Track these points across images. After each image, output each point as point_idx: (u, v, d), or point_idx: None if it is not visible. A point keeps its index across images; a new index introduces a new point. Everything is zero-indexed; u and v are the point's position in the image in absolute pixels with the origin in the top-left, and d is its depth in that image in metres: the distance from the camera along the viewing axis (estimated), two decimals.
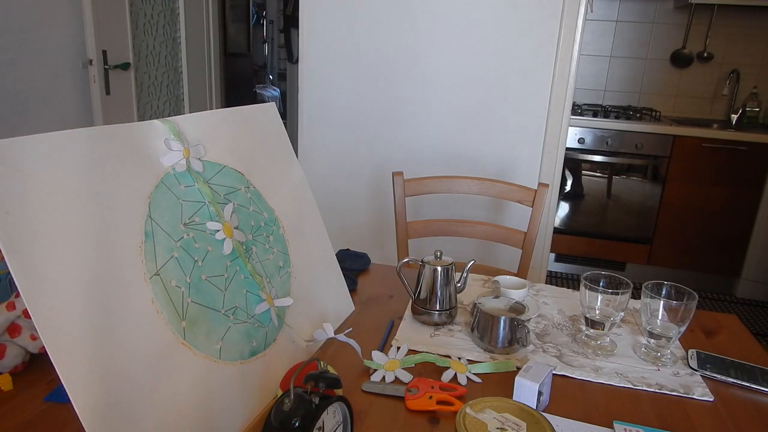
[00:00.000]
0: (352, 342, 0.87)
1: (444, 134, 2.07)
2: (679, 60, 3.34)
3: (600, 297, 0.95)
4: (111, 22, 2.71)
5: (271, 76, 6.56)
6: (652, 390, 0.86)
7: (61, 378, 0.53)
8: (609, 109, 3.30)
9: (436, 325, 1.04)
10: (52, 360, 0.53)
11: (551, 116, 1.96)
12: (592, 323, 0.97)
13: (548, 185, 1.59)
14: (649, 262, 3.13)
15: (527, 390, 0.76)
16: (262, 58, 6.30)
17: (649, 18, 3.33)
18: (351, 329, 0.99)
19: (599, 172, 3.06)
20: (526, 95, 1.96)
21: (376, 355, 0.90)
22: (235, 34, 4.94)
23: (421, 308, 1.03)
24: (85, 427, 0.54)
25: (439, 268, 1.02)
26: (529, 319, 1.06)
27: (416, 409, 0.78)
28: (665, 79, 3.40)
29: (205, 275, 0.73)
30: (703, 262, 3.07)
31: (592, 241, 3.17)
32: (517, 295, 1.10)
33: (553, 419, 0.77)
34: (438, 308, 1.02)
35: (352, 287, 1.16)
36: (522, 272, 1.58)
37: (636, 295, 1.09)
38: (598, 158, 3.02)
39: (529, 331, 0.96)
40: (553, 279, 3.24)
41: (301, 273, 0.95)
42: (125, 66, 2.84)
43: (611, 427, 0.77)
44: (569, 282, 3.23)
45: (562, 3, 1.85)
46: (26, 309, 0.77)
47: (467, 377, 0.87)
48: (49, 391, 0.77)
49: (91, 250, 0.60)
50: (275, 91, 6.13)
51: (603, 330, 0.96)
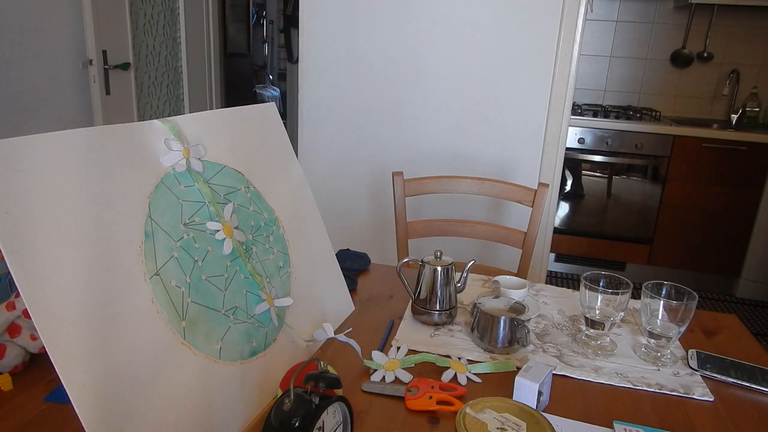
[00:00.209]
0: (352, 342, 0.87)
1: (444, 134, 2.07)
2: (679, 60, 3.34)
3: (600, 297, 0.95)
4: (111, 22, 2.71)
5: (271, 76, 6.56)
6: (652, 390, 0.86)
7: (61, 378, 0.53)
8: (609, 109, 3.30)
9: (436, 325, 1.04)
10: (52, 360, 0.53)
11: (551, 116, 1.96)
12: (592, 323, 0.97)
13: (548, 185, 1.59)
14: (649, 262, 3.13)
15: (527, 390, 0.76)
16: (262, 58, 6.30)
17: (649, 18, 3.33)
18: (351, 329, 0.99)
19: (599, 172, 3.06)
20: (526, 95, 1.96)
21: (376, 355, 0.90)
22: (235, 34, 4.94)
23: (421, 308, 1.03)
24: (85, 427, 0.54)
25: (439, 268, 1.02)
26: (529, 319, 1.06)
27: (416, 409, 0.78)
28: (665, 79, 3.40)
29: (205, 275, 0.73)
30: (703, 262, 3.07)
31: (592, 241, 3.17)
32: (517, 295, 1.10)
33: (553, 419, 0.77)
34: (438, 308, 1.02)
35: (352, 287, 1.16)
36: (522, 272, 1.58)
37: (636, 295, 1.09)
38: (598, 158, 3.02)
39: (529, 331, 0.96)
40: (553, 279, 3.24)
41: (301, 273, 0.95)
42: (125, 66, 2.84)
43: (611, 427, 0.77)
44: (569, 282, 3.23)
45: (562, 3, 1.85)
46: (26, 309, 0.77)
47: (467, 377, 0.87)
48: (49, 391, 0.77)
49: (91, 250, 0.60)
50: (275, 91, 6.13)
51: (603, 330, 0.96)
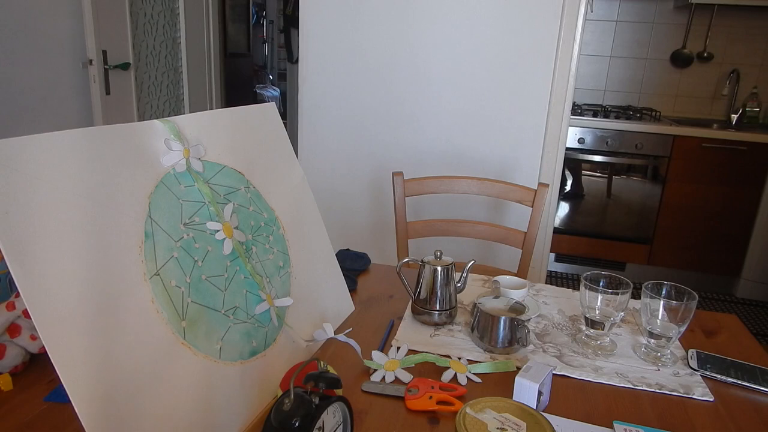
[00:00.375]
0: (352, 342, 0.87)
1: (444, 134, 2.07)
2: (679, 60, 3.34)
3: (600, 297, 0.95)
4: (111, 22, 2.71)
5: (271, 76, 6.57)
6: (652, 390, 0.86)
7: (61, 378, 0.53)
8: (609, 109, 3.30)
9: (436, 325, 1.04)
10: (52, 360, 0.53)
11: (551, 116, 1.96)
12: (592, 323, 0.97)
13: (548, 185, 1.59)
14: (649, 262, 3.13)
15: (527, 390, 0.76)
16: (262, 58, 6.31)
17: (649, 18, 3.33)
18: (351, 329, 0.99)
19: (599, 172, 3.06)
20: (526, 95, 1.96)
21: (376, 355, 0.90)
22: (235, 34, 4.94)
23: (421, 308, 1.03)
24: (85, 427, 0.54)
25: (439, 268, 1.02)
26: (529, 319, 1.06)
27: (416, 409, 0.78)
28: (665, 79, 3.40)
29: (205, 275, 0.73)
30: (703, 262, 3.07)
31: (592, 241, 3.17)
32: (517, 295, 1.10)
33: (553, 419, 0.77)
34: (438, 308, 1.02)
35: (352, 287, 1.16)
36: (522, 272, 1.58)
37: (636, 295, 1.10)
38: (598, 158, 3.02)
39: (529, 331, 0.96)
40: (553, 279, 3.24)
41: (301, 273, 0.95)
42: (125, 66, 2.84)
43: (611, 427, 0.77)
44: (569, 282, 3.23)
45: (562, 3, 1.85)
46: (26, 309, 0.77)
47: (467, 377, 0.87)
48: (49, 391, 0.77)
49: (91, 250, 0.60)
50: (275, 91, 6.13)
51: (603, 330, 0.96)
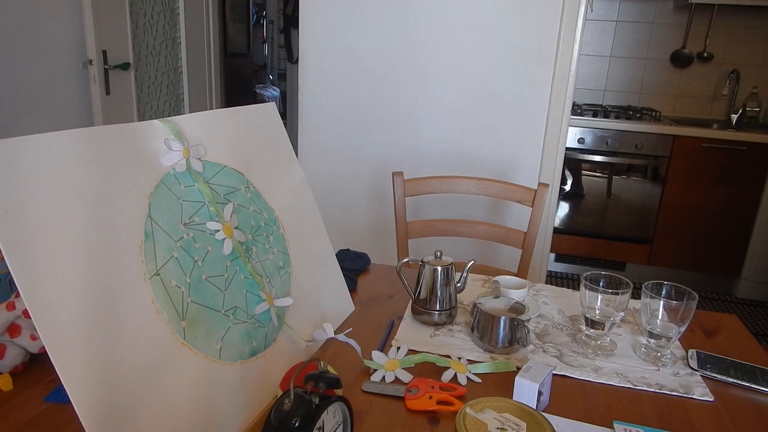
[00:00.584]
0: (352, 342, 0.87)
1: (444, 134, 2.07)
2: (679, 60, 3.34)
3: (600, 297, 0.95)
4: (111, 22, 2.71)
5: (271, 76, 6.57)
6: (652, 390, 0.86)
7: (61, 378, 0.53)
8: (609, 109, 3.30)
9: (436, 325, 1.04)
10: (52, 360, 0.53)
11: (551, 116, 1.96)
12: (592, 323, 0.97)
13: (548, 185, 1.59)
14: (649, 262, 3.13)
15: (527, 390, 0.76)
16: (262, 58, 6.30)
17: (649, 18, 3.33)
18: (351, 329, 0.99)
19: (599, 172, 3.06)
20: (526, 95, 1.96)
21: (376, 355, 0.90)
22: (235, 34, 4.94)
23: (421, 308, 1.03)
24: (84, 427, 0.54)
25: (439, 268, 1.02)
26: (529, 319, 1.06)
27: (416, 409, 0.78)
28: (665, 79, 3.40)
29: (205, 275, 0.73)
30: (703, 262, 3.07)
31: (592, 241, 3.17)
32: (517, 295, 1.10)
33: (553, 419, 0.77)
34: (438, 308, 1.02)
35: (352, 287, 1.16)
36: (522, 272, 1.58)
37: (636, 295, 1.09)
38: (598, 158, 3.02)
39: (529, 331, 0.96)
40: (553, 279, 3.24)
41: (301, 273, 0.95)
42: (125, 66, 2.84)
43: (611, 427, 0.77)
44: (569, 282, 3.23)
45: (562, 3, 1.85)
46: (26, 309, 0.77)
47: (467, 377, 0.87)
48: (49, 391, 0.77)
49: (91, 250, 0.60)
50: (275, 91, 6.13)
51: (603, 330, 0.96)
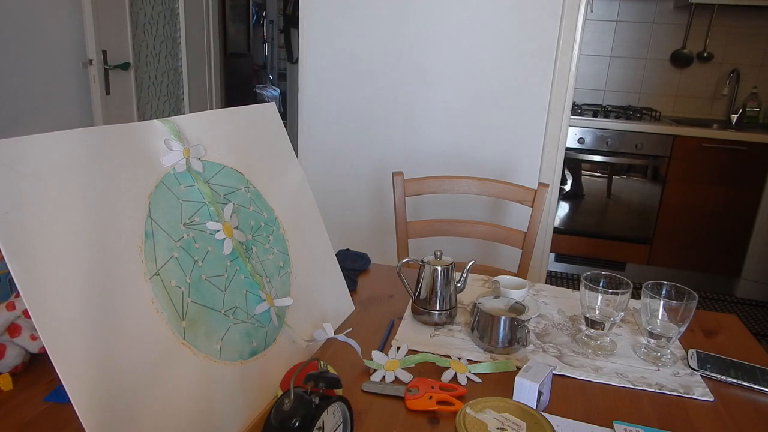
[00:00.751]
0: (352, 342, 0.87)
1: (444, 134, 2.07)
2: (679, 60, 3.34)
3: (600, 297, 0.95)
4: (111, 22, 2.71)
5: (271, 76, 6.56)
6: (652, 390, 0.86)
7: (61, 378, 0.53)
8: (609, 109, 3.30)
9: (436, 325, 1.04)
10: (52, 360, 0.53)
11: (551, 116, 1.96)
12: (592, 323, 0.97)
13: (548, 185, 1.59)
14: (649, 262, 3.13)
15: (527, 390, 0.76)
16: (262, 58, 6.30)
17: (649, 18, 3.33)
18: (351, 329, 0.99)
19: (599, 172, 3.06)
20: (526, 95, 1.96)
21: (376, 355, 0.90)
22: (235, 34, 4.94)
23: (421, 308, 1.03)
24: (84, 427, 0.54)
25: (439, 268, 1.02)
26: (529, 319, 1.06)
27: (416, 409, 0.78)
28: (665, 79, 3.40)
29: (205, 275, 0.73)
30: (703, 262, 3.07)
31: (592, 241, 3.17)
32: (517, 295, 1.10)
33: (553, 419, 0.77)
34: (438, 308, 1.02)
35: (352, 287, 1.16)
36: (522, 272, 1.58)
37: (636, 295, 1.09)
38: (598, 158, 3.02)
39: (529, 331, 0.96)
40: (553, 279, 3.24)
41: (301, 273, 0.95)
42: (125, 66, 2.84)
43: (611, 427, 0.77)
44: (569, 282, 3.23)
45: (562, 3, 1.85)
46: (26, 309, 0.77)
47: (467, 377, 0.87)
48: (49, 391, 0.77)
49: (91, 250, 0.60)
50: (275, 91, 6.13)
51: (603, 330, 0.96)
